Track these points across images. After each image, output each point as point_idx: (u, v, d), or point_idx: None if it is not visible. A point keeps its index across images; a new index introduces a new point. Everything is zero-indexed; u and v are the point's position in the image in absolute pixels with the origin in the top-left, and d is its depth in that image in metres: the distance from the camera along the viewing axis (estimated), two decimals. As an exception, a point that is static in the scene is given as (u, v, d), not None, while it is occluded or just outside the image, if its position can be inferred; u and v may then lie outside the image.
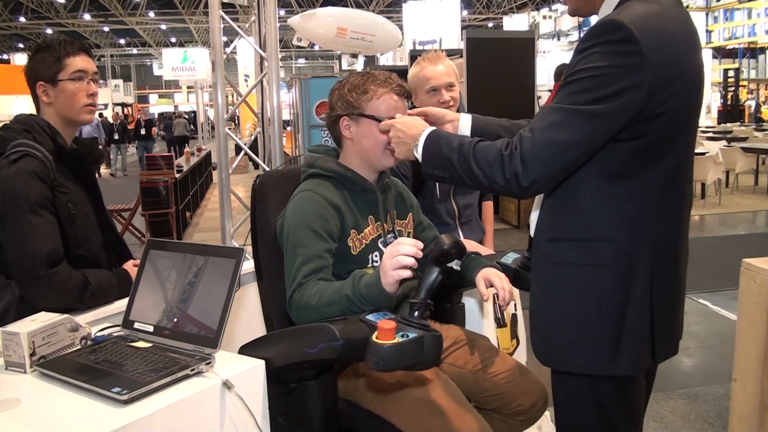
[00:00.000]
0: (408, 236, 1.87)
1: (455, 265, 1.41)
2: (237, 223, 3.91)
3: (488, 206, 2.75)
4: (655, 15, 1.30)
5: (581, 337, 1.40)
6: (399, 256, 1.40)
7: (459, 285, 1.96)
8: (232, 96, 19.00)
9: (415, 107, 2.53)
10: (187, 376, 1.28)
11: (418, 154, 1.47)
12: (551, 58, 23.66)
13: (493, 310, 2.22)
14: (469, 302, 2.14)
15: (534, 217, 1.55)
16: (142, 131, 16.81)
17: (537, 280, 1.49)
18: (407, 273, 1.40)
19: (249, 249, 1.81)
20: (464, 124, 1.71)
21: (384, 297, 1.45)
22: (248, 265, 1.86)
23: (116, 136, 16.06)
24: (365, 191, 1.77)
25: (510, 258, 1.82)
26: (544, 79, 21.99)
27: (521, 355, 2.48)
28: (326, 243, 1.63)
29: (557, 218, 1.42)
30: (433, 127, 1.52)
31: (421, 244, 1.43)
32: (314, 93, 7.83)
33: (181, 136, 18.36)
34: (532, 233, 1.54)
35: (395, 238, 1.80)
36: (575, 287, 1.39)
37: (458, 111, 2.47)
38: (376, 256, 1.74)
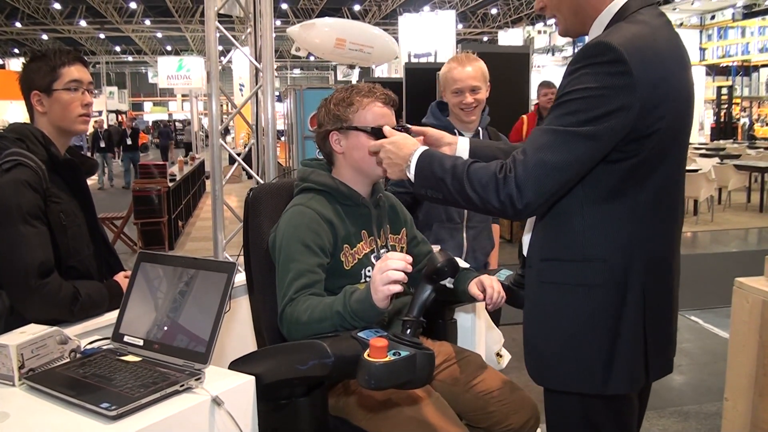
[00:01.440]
0: (401, 251, 1.87)
1: (448, 282, 1.41)
2: (229, 234, 3.90)
3: (495, 229, 2.80)
4: (643, 36, 1.32)
5: (574, 356, 1.40)
6: (388, 271, 1.40)
7: (452, 301, 1.96)
8: (227, 105, 19.04)
9: (443, 101, 2.61)
10: (176, 392, 1.27)
11: (411, 174, 1.47)
12: (546, 73, 23.81)
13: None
14: (461, 318, 2.14)
15: (526, 237, 1.55)
16: (128, 141, 15.05)
17: (530, 298, 1.49)
18: (397, 288, 1.40)
19: (241, 260, 1.81)
20: (462, 147, 1.71)
21: (375, 312, 1.45)
22: (241, 278, 1.85)
23: (102, 144, 14.78)
24: (358, 206, 1.77)
25: (503, 275, 1.82)
26: (539, 94, 22.21)
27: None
28: (318, 258, 1.63)
29: (549, 238, 1.43)
30: (426, 147, 1.52)
31: (410, 258, 1.42)
32: (309, 104, 7.85)
33: (189, 143, 18.31)
34: (525, 252, 1.55)
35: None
36: (568, 306, 1.40)
37: (482, 115, 2.55)
38: (369, 270, 1.74)
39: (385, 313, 1.47)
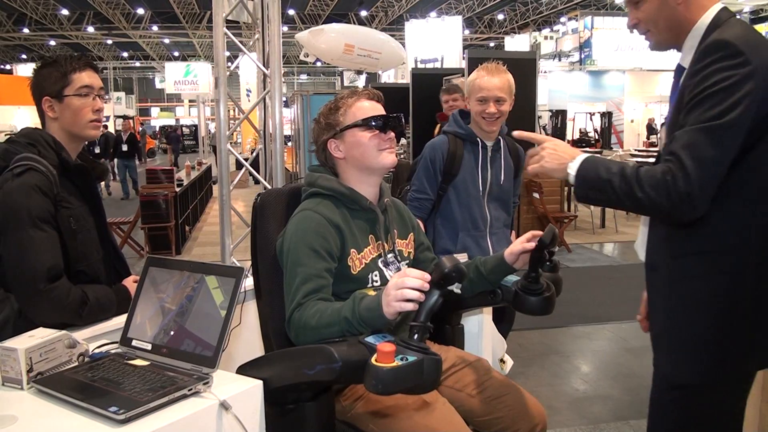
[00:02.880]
0: (408, 256, 1.88)
1: (455, 288, 1.41)
2: (237, 239, 3.91)
3: (513, 234, 2.85)
4: (748, 31, 1.47)
5: (717, 346, 1.49)
6: (404, 289, 1.38)
7: (458, 307, 1.96)
8: (234, 110, 19.11)
9: (466, 110, 2.68)
10: (184, 396, 1.28)
11: (572, 172, 1.53)
12: (552, 78, 23.81)
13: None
14: (468, 324, 2.13)
15: (643, 240, 1.64)
16: (124, 147, 13.22)
17: (662, 300, 1.57)
18: (410, 306, 1.39)
19: (248, 264, 1.82)
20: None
21: (383, 322, 1.45)
22: (249, 283, 1.86)
23: (97, 150, 12.71)
24: (365, 210, 1.77)
25: (510, 281, 1.82)
26: (545, 99, 22.12)
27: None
28: (326, 262, 1.63)
29: (682, 234, 1.51)
30: (588, 154, 1.59)
31: (428, 277, 1.40)
32: (316, 109, 7.83)
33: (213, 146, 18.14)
34: (642, 257, 1.63)
35: (395, 258, 1.81)
36: (706, 298, 1.49)
37: (502, 128, 2.62)
38: (375, 275, 1.74)
39: (393, 323, 1.48)
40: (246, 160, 3.95)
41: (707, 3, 1.54)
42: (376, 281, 1.74)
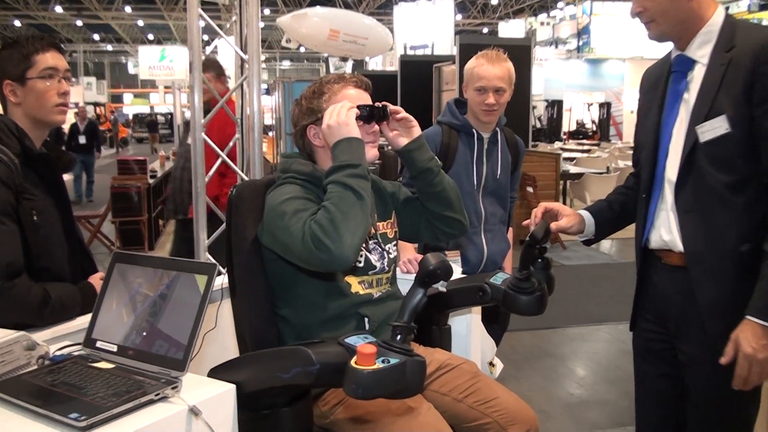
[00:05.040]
0: (394, 237, 1.91)
1: (441, 286, 1.40)
2: (212, 235, 3.87)
3: (510, 231, 2.85)
4: None
5: None
6: (339, 107, 1.63)
7: (445, 306, 1.96)
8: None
9: (462, 99, 2.70)
10: (151, 402, 1.26)
11: None
12: (548, 67, 23.87)
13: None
14: (455, 325, 2.13)
15: (668, 228, 1.72)
16: (81, 139, 11.37)
17: (724, 299, 1.63)
18: (354, 111, 1.64)
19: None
20: (589, 222, 1.96)
21: (358, 145, 1.64)
22: (223, 280, 1.85)
23: (82, 140, 11.66)
24: None
25: (500, 278, 1.82)
26: (540, 88, 22.18)
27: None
28: (314, 205, 1.64)
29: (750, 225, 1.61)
30: None
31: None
32: (298, 97, 7.84)
33: None
34: (683, 249, 1.69)
35: (378, 245, 1.81)
36: None
37: (500, 118, 2.64)
38: (360, 263, 1.76)
39: (361, 148, 1.65)
40: (223, 150, 3.91)
41: (713, 1, 1.68)
42: (360, 263, 1.76)
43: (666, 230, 1.75)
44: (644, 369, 1.93)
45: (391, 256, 1.87)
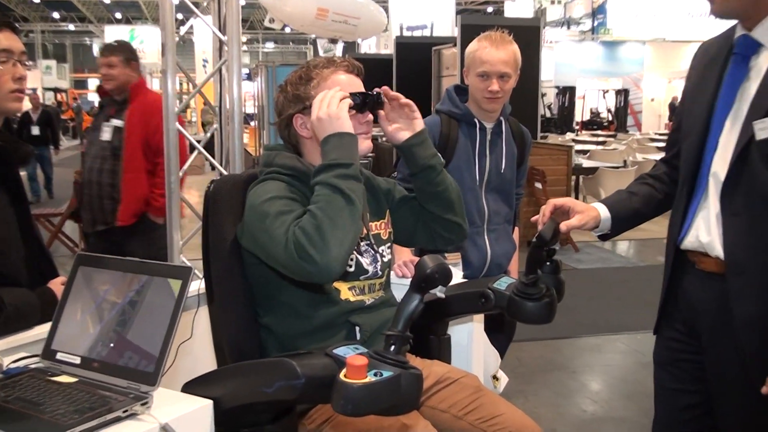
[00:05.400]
0: (389, 238, 1.92)
1: (439, 291, 1.41)
2: (188, 235, 3.88)
3: (516, 231, 2.86)
4: None
5: None
6: (329, 97, 1.61)
7: (444, 314, 1.97)
8: (187, 85, 18.96)
9: (462, 85, 2.70)
10: (118, 419, 1.26)
11: None
12: (560, 50, 23.91)
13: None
14: (456, 334, 2.14)
15: (707, 230, 1.71)
16: (34, 130, 10.74)
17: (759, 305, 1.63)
18: (348, 101, 1.64)
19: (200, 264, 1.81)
20: (605, 216, 1.92)
21: (351, 141, 1.62)
22: (199, 285, 1.85)
23: (36, 131, 11.01)
24: None
25: (504, 284, 1.83)
26: (551, 74, 22.22)
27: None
28: (299, 207, 1.64)
29: None
30: None
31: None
32: (283, 83, 7.83)
33: None
34: (722, 254, 1.67)
35: (370, 247, 1.81)
36: None
37: (504, 106, 2.64)
38: (350, 268, 1.76)
39: (355, 146, 1.64)
40: (199, 141, 3.91)
41: None
42: (351, 267, 1.76)
43: (705, 231, 1.73)
44: (665, 382, 1.93)
45: (385, 259, 1.87)
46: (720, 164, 1.69)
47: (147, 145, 3.96)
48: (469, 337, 2.21)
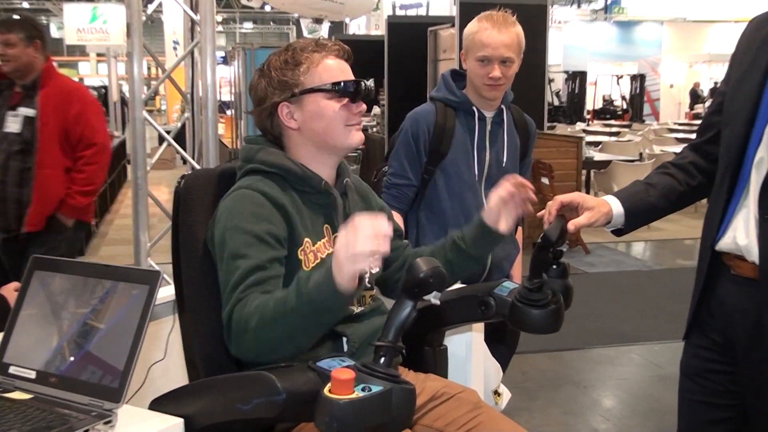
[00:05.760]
0: None
1: (434, 298, 1.41)
2: (156, 236, 3.88)
3: (519, 231, 2.87)
4: None
5: None
6: (359, 241, 1.37)
7: (440, 323, 1.97)
8: (156, 69, 18.89)
9: (460, 71, 2.70)
10: (79, 439, 1.26)
11: None
12: (569, 31, 23.97)
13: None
14: (453, 345, 2.14)
15: (745, 230, 1.69)
16: None
17: None
18: (369, 264, 1.38)
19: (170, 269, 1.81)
20: (617, 211, 1.91)
21: (340, 300, 1.44)
22: (169, 292, 1.85)
23: None
24: (320, 193, 1.78)
25: (506, 289, 1.83)
26: (559, 58, 22.28)
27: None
28: (274, 250, 1.64)
29: None
30: None
31: (386, 224, 1.39)
32: (263, 67, 7.81)
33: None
34: (731, 248, 1.68)
35: None
36: None
37: (506, 93, 2.65)
38: None
39: (354, 297, 1.49)
40: (169, 132, 3.91)
41: None
42: None
43: (743, 233, 1.72)
44: (692, 394, 1.93)
45: (374, 271, 1.86)
46: (763, 157, 1.68)
47: (65, 137, 3.68)
48: (467, 348, 2.22)
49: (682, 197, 1.96)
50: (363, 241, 1.37)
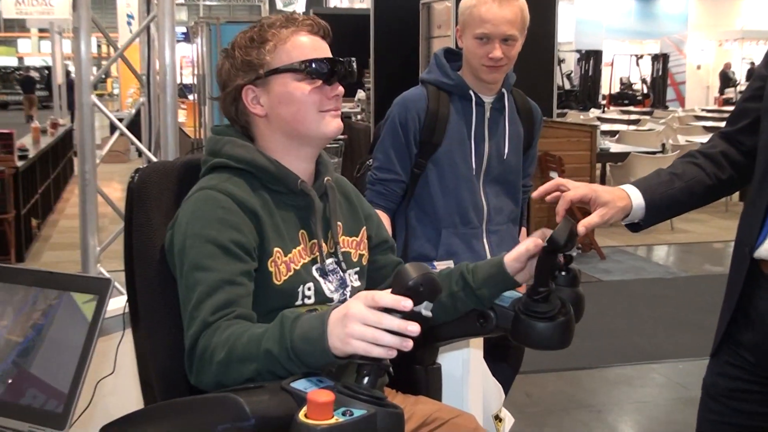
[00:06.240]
0: (360, 261, 1.90)
1: (425, 309, 1.41)
2: (107, 239, 3.86)
3: (523, 232, 2.92)
4: None
5: None
6: (381, 331, 1.33)
7: (433, 338, 1.98)
8: (107, 47, 18.87)
9: (455, 50, 2.72)
10: (17, 472, 1.27)
11: None
12: (582, 5, 24.04)
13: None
14: (447, 363, 2.15)
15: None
16: None
17: None
18: (379, 352, 1.34)
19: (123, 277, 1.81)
20: (637, 204, 1.90)
21: (325, 360, 1.43)
22: (121, 303, 1.85)
23: None
24: (295, 194, 1.78)
25: (508, 299, 1.84)
26: (570, 35, 22.34)
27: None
28: (241, 263, 1.63)
29: None
30: None
31: (409, 305, 1.34)
32: (230, 45, 7.81)
33: None
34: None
35: (338, 264, 1.81)
36: None
37: (507, 75, 2.64)
38: (309, 288, 1.75)
39: (339, 363, 1.46)
40: (122, 120, 3.90)
41: None
42: (309, 297, 1.75)
43: None
44: (717, 417, 1.94)
45: (355, 285, 1.87)
46: None
47: None
48: (464, 367, 2.23)
49: (709, 191, 1.97)
50: (382, 334, 1.33)
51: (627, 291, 6.71)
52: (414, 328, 1.33)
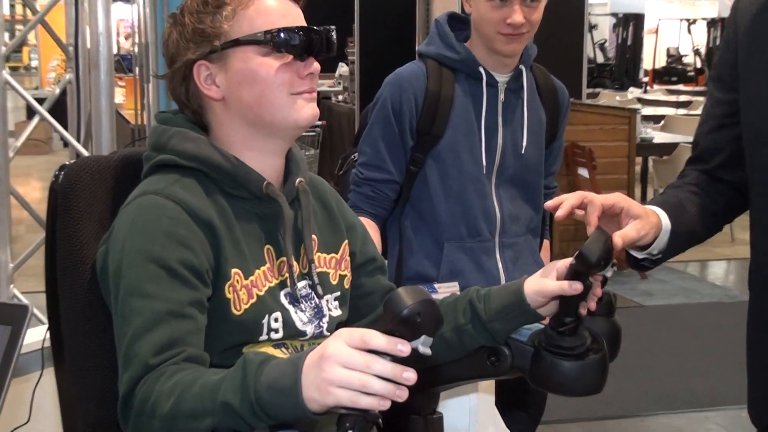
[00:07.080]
0: (341, 284, 1.90)
1: (422, 345, 1.41)
2: (23, 253, 3.86)
3: (546, 246, 2.95)
4: None
5: None
6: (371, 377, 1.32)
7: (434, 380, 1.98)
8: (23, 9, 18.81)
9: (461, 15, 2.74)
10: None
11: None
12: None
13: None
14: (451, 411, 2.16)
15: None
16: None
17: None
18: (368, 402, 1.33)
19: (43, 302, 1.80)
20: (665, 227, 1.92)
21: (297, 413, 1.41)
22: (41, 334, 1.85)
23: None
24: (259, 199, 1.77)
25: (526, 332, 1.84)
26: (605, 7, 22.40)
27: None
28: (191, 289, 1.62)
29: None
30: None
31: (407, 350, 1.34)
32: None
33: None
34: None
35: (313, 289, 1.81)
36: None
37: (526, 47, 2.65)
38: (276, 320, 1.75)
39: (317, 419, 1.45)
40: (42, 102, 3.90)
41: None
42: (277, 331, 1.75)
43: None
44: None
45: (334, 314, 1.86)
46: None
47: None
48: (471, 416, 2.24)
49: (716, 219, 2.05)
50: (371, 380, 1.32)
51: (674, 319, 6.71)
52: (410, 375, 1.32)
